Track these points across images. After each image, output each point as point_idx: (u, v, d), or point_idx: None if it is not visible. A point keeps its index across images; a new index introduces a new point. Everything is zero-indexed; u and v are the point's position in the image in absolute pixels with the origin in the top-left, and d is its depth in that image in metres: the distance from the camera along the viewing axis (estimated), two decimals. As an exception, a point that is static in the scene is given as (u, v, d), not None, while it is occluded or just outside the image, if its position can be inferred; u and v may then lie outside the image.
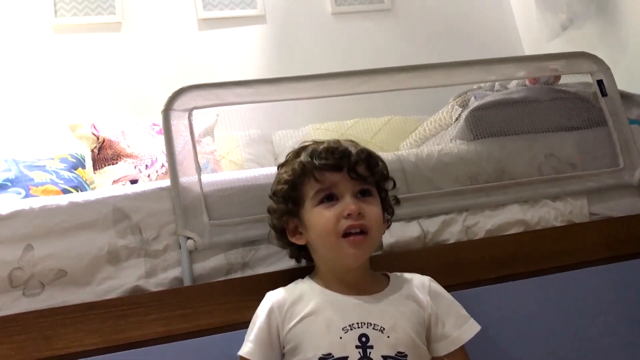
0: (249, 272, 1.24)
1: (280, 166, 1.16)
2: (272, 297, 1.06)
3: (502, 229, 1.37)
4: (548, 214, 1.40)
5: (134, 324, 1.13)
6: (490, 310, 1.25)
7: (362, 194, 1.07)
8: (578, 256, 1.34)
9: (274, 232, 1.15)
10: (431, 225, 1.34)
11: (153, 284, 1.20)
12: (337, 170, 1.06)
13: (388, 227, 1.17)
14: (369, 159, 1.09)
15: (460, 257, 1.30)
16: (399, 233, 1.30)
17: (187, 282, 1.20)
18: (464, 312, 1.08)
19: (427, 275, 1.14)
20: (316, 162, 1.06)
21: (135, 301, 1.15)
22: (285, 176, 1.10)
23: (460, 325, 1.06)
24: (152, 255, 1.22)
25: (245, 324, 1.08)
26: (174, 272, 1.21)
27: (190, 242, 1.22)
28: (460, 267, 1.28)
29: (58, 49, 2.56)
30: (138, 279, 1.19)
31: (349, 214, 1.02)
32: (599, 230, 1.38)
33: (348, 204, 1.03)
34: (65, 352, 1.10)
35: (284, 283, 1.14)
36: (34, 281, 1.15)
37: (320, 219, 1.04)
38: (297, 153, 1.12)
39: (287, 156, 1.15)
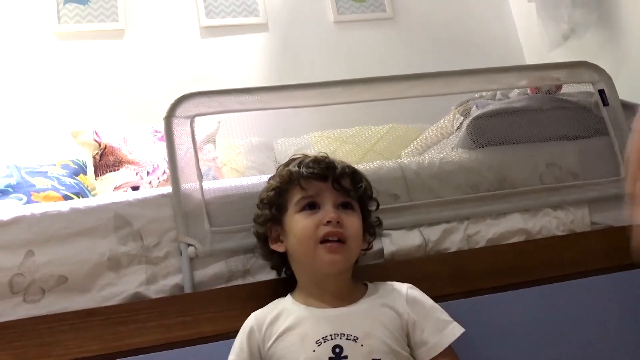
0: (249, 280, 1.24)
1: (270, 178, 1.19)
2: (253, 317, 1.08)
3: (503, 238, 1.36)
4: (549, 223, 1.40)
5: (134, 331, 1.13)
6: (491, 319, 1.25)
7: (344, 207, 1.11)
8: (579, 265, 1.34)
9: (257, 240, 1.17)
10: (432, 233, 1.33)
11: (154, 291, 1.19)
12: (322, 179, 1.10)
13: (369, 248, 1.19)
14: (354, 175, 1.15)
15: (461, 266, 1.29)
16: (400, 241, 1.30)
17: (187, 289, 1.19)
18: (445, 316, 1.08)
19: (429, 282, 1.14)
20: (303, 170, 1.11)
21: (136, 308, 1.15)
22: (273, 183, 1.15)
23: (440, 331, 1.05)
24: (152, 262, 1.21)
25: (245, 332, 1.08)
26: (175, 279, 1.21)
27: (191, 249, 1.22)
28: (462, 276, 1.28)
29: (61, 56, 2.57)
30: (139, 286, 1.19)
31: (328, 221, 1.06)
32: (601, 239, 1.38)
33: (328, 212, 1.07)
34: (64, 358, 1.09)
35: (285, 290, 1.14)
36: (34, 287, 1.15)
37: (300, 225, 1.08)
38: (286, 164, 1.17)
39: (278, 168, 1.19)
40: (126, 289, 1.18)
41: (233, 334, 1.12)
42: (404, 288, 1.11)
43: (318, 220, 1.07)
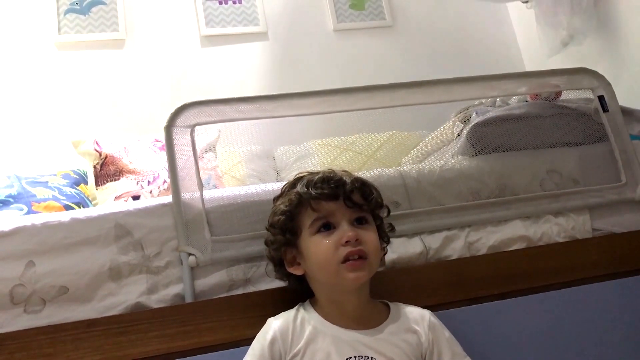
0: (251, 289, 1.23)
1: (276, 199, 1.17)
2: (275, 325, 1.06)
3: (504, 245, 1.36)
4: (550, 229, 1.40)
5: (135, 341, 1.12)
6: (493, 326, 1.25)
7: (359, 222, 1.08)
8: (581, 272, 1.34)
9: (272, 265, 1.15)
10: (433, 241, 1.33)
11: (155, 301, 1.19)
12: (333, 199, 1.07)
13: (384, 254, 1.18)
14: (364, 188, 1.11)
15: (462, 273, 1.29)
16: (401, 249, 1.30)
17: (188, 299, 1.19)
18: (460, 350, 1.08)
19: (430, 290, 1.15)
20: (312, 191, 1.08)
21: (137, 318, 1.14)
22: (282, 207, 1.11)
23: None
24: (153, 272, 1.21)
25: (247, 341, 1.07)
26: (176, 289, 1.21)
27: (192, 258, 1.22)
28: (463, 284, 1.28)
29: (62, 66, 2.58)
30: (140, 296, 1.19)
31: (347, 241, 1.04)
32: (602, 246, 1.38)
33: (345, 231, 1.05)
34: (66, 369, 1.09)
35: (287, 300, 1.14)
36: (35, 298, 1.15)
37: (318, 248, 1.05)
38: (292, 184, 1.13)
39: (282, 188, 1.16)
40: (127, 299, 1.18)
41: (234, 344, 1.12)
42: (426, 314, 1.10)
43: (336, 241, 1.04)
